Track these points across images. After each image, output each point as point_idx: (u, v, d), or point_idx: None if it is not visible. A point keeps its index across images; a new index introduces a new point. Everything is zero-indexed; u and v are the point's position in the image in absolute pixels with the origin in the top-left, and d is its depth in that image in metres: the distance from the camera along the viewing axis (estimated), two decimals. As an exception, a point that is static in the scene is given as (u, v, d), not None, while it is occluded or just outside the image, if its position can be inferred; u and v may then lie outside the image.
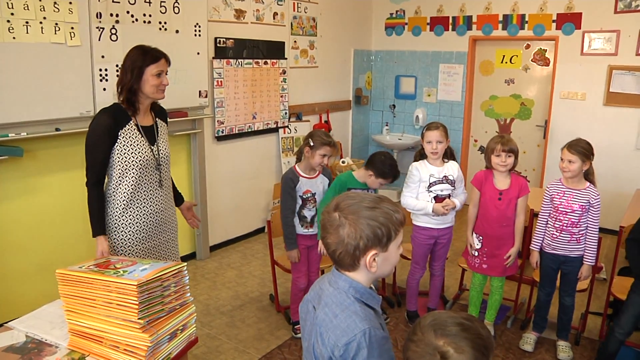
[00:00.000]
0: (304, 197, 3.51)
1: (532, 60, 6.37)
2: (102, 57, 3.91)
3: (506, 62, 6.53)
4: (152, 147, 2.76)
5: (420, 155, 3.71)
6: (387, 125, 7.32)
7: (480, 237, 3.61)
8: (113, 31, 3.96)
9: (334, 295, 1.50)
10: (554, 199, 3.40)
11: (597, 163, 3.47)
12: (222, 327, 3.87)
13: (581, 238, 3.36)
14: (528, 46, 6.37)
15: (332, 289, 1.52)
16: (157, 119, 2.85)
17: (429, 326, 1.28)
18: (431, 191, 3.62)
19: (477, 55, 6.72)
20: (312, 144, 3.40)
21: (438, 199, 3.63)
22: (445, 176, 3.63)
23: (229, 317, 4.01)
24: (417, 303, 3.96)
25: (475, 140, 6.90)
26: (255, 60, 5.38)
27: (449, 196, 3.65)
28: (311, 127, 6.12)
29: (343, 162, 6.43)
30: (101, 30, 3.88)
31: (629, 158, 5.75)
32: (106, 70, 3.94)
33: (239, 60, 5.20)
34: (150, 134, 2.78)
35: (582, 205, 3.30)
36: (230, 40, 5.09)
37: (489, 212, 3.53)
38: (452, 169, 3.68)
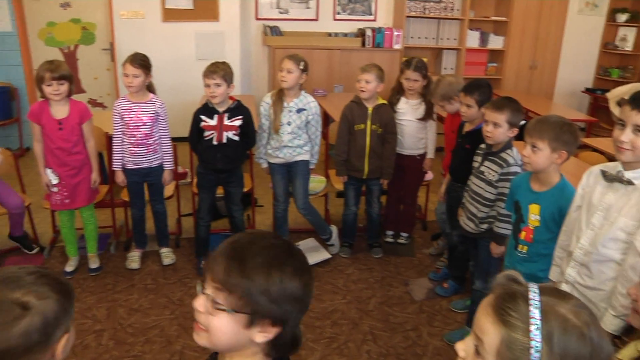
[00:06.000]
0: None
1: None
2: None
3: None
4: None
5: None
6: None
7: (56, 172, 3.38)
8: None
9: None
10: (124, 116, 3.40)
11: (164, 76, 3.60)
12: None
13: (157, 148, 3.51)
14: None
15: None
16: None
17: (0, 283, 1.09)
18: None
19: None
20: None
21: None
22: None
23: None
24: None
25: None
26: None
27: None
28: None
29: None
30: None
31: (192, 69, 6.06)
32: None
33: None
34: None
35: (151, 117, 3.42)
36: None
37: (55, 143, 3.31)
38: None
